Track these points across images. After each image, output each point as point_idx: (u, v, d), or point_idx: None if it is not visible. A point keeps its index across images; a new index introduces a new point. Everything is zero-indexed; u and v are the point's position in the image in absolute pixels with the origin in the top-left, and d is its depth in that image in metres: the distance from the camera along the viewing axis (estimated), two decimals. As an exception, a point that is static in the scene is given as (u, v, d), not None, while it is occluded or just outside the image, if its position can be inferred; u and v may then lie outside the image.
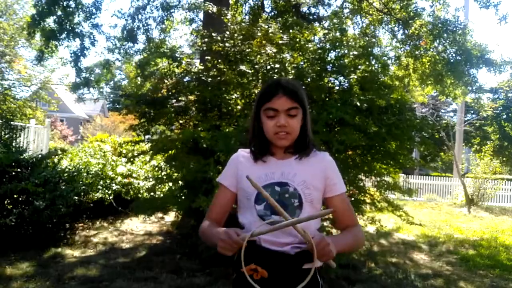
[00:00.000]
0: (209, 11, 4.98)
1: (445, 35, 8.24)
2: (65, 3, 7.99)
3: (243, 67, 4.01)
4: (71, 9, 8.17)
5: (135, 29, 9.26)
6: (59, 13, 8.02)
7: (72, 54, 8.71)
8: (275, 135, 1.36)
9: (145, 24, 9.43)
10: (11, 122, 5.61)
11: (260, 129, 1.41)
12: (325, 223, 4.19)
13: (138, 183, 6.35)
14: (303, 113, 1.39)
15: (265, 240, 1.30)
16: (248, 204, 1.36)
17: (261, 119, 1.40)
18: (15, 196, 4.43)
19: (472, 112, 20.27)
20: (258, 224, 1.30)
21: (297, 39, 4.37)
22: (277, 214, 1.27)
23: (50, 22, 8.23)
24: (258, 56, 4.18)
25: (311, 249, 1.20)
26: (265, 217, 1.32)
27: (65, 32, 8.23)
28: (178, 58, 4.65)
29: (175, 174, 4.45)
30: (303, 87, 3.92)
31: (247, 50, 4.28)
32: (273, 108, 1.35)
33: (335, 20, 7.20)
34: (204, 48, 4.68)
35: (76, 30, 8.39)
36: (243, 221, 1.38)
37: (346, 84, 4.31)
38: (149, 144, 4.73)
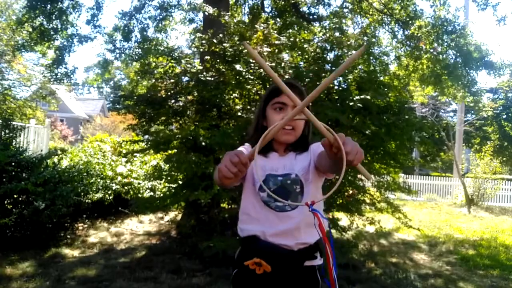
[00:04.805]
0: (207, 13, 5.00)
1: (445, 36, 8.23)
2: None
3: (238, 66, 4.02)
4: (69, 10, 8.19)
5: (132, 27, 9.27)
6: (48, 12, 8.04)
7: (58, 47, 8.74)
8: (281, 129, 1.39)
9: (142, 23, 9.44)
10: (11, 122, 5.59)
11: (264, 127, 1.46)
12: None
13: (138, 183, 6.35)
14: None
15: (270, 234, 1.34)
16: (253, 190, 1.41)
17: (267, 114, 1.46)
18: (15, 196, 4.43)
19: (472, 112, 20.23)
20: (265, 212, 1.37)
21: (296, 39, 4.37)
22: (279, 201, 1.32)
23: (42, 19, 8.26)
24: None
25: (336, 145, 1.04)
26: (269, 203, 1.37)
27: (55, 29, 8.27)
28: (178, 57, 4.66)
29: (175, 175, 4.45)
30: (302, 87, 3.92)
31: (245, 50, 4.29)
32: (282, 102, 1.42)
33: (335, 19, 7.21)
34: (203, 49, 4.69)
35: (68, 27, 8.43)
36: (247, 206, 1.42)
37: (344, 84, 4.31)
38: (149, 143, 4.73)
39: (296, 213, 1.35)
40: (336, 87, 4.40)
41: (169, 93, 4.73)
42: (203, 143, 3.60)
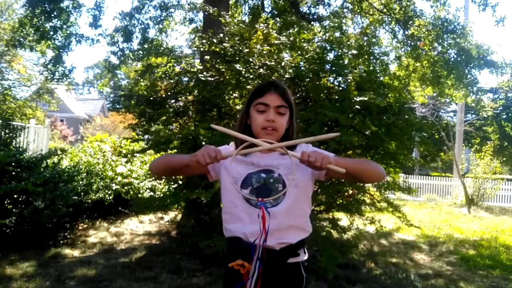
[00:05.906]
0: (207, 12, 5.00)
1: (445, 36, 8.23)
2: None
3: (237, 66, 4.02)
4: (69, 10, 8.20)
5: (132, 27, 9.26)
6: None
7: (56, 46, 8.73)
8: (263, 129, 1.41)
9: (142, 24, 9.43)
10: (11, 122, 5.59)
11: (248, 126, 1.47)
12: (324, 223, 4.19)
13: (138, 183, 6.35)
14: (290, 116, 1.47)
15: (252, 234, 1.34)
16: (233, 189, 1.40)
17: (251, 114, 1.46)
18: (15, 196, 4.42)
19: (472, 112, 20.24)
20: (247, 209, 1.37)
21: (296, 39, 4.37)
22: (262, 198, 1.34)
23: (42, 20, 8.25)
24: (256, 55, 4.19)
25: (305, 160, 1.30)
26: (251, 200, 1.37)
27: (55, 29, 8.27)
28: (178, 57, 4.66)
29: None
30: (301, 87, 3.92)
31: (245, 50, 4.28)
32: (264, 103, 1.42)
33: (335, 19, 7.21)
34: (203, 49, 4.70)
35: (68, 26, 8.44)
36: (228, 205, 1.44)
37: (344, 84, 4.31)
38: (149, 143, 4.73)
39: (276, 211, 1.35)
40: (336, 87, 4.40)
41: (169, 93, 4.72)
42: (203, 143, 3.60)
